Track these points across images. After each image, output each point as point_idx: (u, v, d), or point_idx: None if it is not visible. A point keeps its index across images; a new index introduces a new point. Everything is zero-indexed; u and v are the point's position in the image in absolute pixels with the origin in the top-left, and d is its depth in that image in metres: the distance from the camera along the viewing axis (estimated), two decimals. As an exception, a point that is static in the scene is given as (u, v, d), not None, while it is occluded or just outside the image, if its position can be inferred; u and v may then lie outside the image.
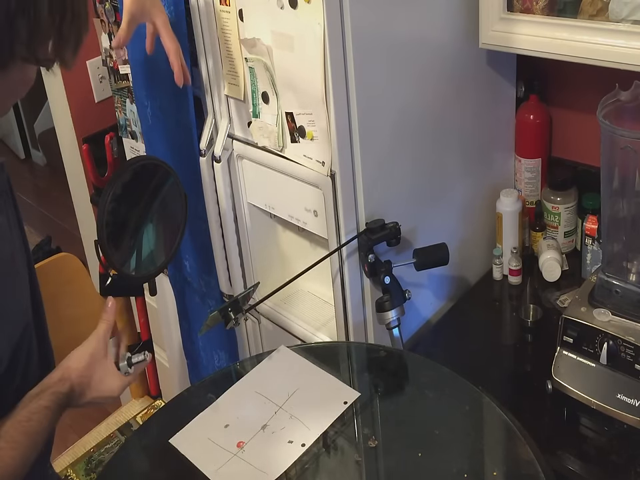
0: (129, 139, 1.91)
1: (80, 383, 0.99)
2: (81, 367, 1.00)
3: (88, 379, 1.00)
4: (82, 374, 1.00)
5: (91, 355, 1.02)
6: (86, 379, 1.00)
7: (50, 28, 0.76)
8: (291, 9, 1.16)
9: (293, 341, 1.49)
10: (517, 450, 1.03)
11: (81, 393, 1.00)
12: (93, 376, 1.01)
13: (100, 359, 1.02)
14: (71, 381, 0.99)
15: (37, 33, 0.75)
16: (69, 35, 0.78)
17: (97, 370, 1.01)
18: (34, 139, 4.70)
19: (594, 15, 1.18)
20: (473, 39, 1.35)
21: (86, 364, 1.01)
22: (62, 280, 1.50)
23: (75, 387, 0.99)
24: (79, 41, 0.80)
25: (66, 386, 0.98)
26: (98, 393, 1.02)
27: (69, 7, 0.77)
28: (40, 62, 0.79)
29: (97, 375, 1.01)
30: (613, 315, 1.18)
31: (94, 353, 1.02)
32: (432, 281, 1.49)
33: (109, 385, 1.03)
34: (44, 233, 3.39)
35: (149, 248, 1.27)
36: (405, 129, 1.31)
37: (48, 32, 0.76)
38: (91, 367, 1.01)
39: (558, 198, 1.54)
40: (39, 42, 0.76)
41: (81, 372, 1.00)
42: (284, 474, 1.02)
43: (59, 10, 0.76)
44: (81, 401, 1.01)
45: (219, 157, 1.44)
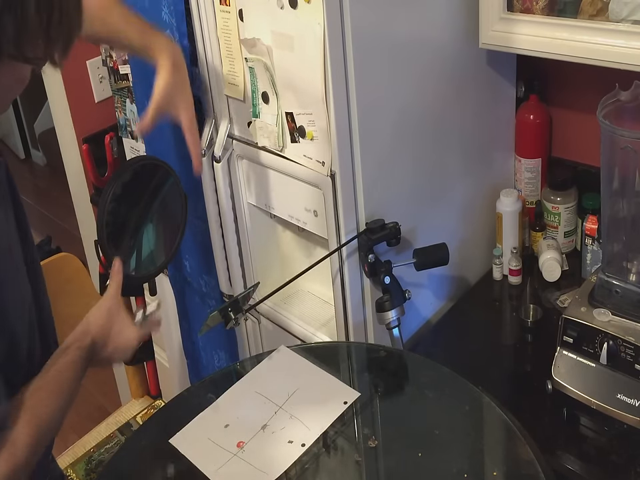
0: (129, 138, 1.92)
1: (101, 336, 1.06)
2: (100, 322, 1.07)
3: (107, 331, 1.06)
4: (101, 327, 1.06)
5: (108, 310, 1.08)
6: (106, 331, 1.06)
7: (37, 27, 0.76)
8: (291, 9, 1.16)
9: (293, 340, 1.49)
10: (517, 450, 1.03)
11: (102, 345, 1.06)
12: (112, 328, 1.07)
13: (116, 314, 1.09)
14: (92, 335, 1.04)
15: (24, 32, 0.75)
16: (58, 34, 0.78)
17: (114, 323, 1.08)
18: (34, 139, 4.70)
19: (594, 15, 1.18)
20: (473, 39, 1.35)
21: (104, 318, 1.07)
22: (62, 280, 1.50)
23: (96, 339, 1.05)
24: (69, 41, 0.80)
25: (88, 339, 1.04)
26: (118, 344, 1.08)
27: (57, 6, 0.77)
28: (28, 60, 0.79)
29: (115, 327, 1.07)
30: (612, 315, 1.18)
31: (110, 308, 1.08)
32: (432, 281, 1.49)
33: (126, 335, 1.09)
34: (44, 233, 3.38)
35: (148, 248, 1.27)
36: (405, 128, 1.31)
37: (35, 31, 0.76)
38: (109, 321, 1.07)
39: (558, 198, 1.54)
40: (26, 40, 0.76)
41: (100, 326, 1.06)
42: (284, 474, 1.02)
43: (46, 9, 0.76)
44: (103, 353, 1.06)
45: (219, 157, 1.44)
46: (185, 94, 1.22)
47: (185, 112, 1.21)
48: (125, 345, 1.09)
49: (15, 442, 0.89)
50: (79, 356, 1.01)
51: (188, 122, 1.22)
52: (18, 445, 0.89)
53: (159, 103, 1.18)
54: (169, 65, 1.19)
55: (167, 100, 1.19)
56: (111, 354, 1.08)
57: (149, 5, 1.43)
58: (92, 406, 2.79)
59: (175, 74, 1.20)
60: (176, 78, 1.20)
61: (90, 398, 2.85)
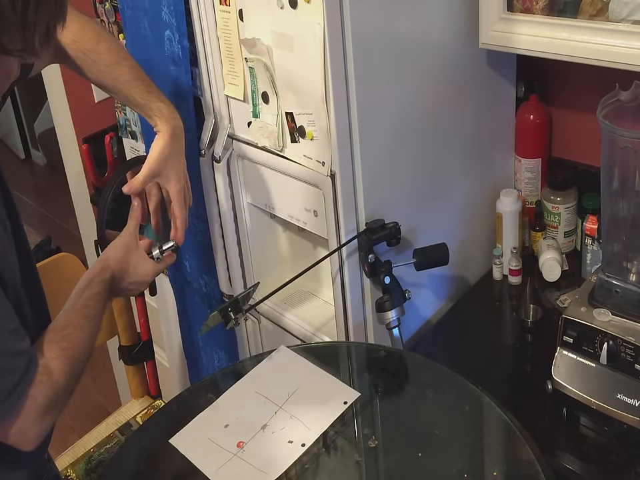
0: (129, 138, 1.92)
1: (119, 269, 1.12)
2: (118, 256, 1.13)
3: (125, 264, 1.13)
4: (119, 261, 1.12)
5: (125, 245, 1.14)
6: (124, 265, 1.13)
7: (12, 15, 0.74)
8: (291, 9, 1.16)
9: (293, 340, 1.49)
10: (517, 450, 1.03)
11: (121, 278, 1.13)
12: (130, 262, 1.14)
13: (133, 249, 1.15)
14: (112, 268, 1.11)
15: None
16: (35, 21, 0.76)
17: (131, 257, 1.14)
18: (34, 139, 4.70)
19: (594, 15, 1.18)
20: (473, 39, 1.35)
21: (122, 253, 1.13)
22: (62, 280, 1.50)
23: (115, 272, 1.11)
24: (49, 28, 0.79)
25: (108, 273, 1.10)
26: (134, 278, 1.15)
27: None
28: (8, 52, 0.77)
29: (133, 261, 1.14)
30: (612, 315, 1.17)
31: (128, 243, 1.14)
32: (432, 281, 1.49)
33: (143, 269, 1.15)
34: (44, 233, 3.39)
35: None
36: (404, 128, 1.31)
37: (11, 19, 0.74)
38: (126, 255, 1.13)
39: (558, 198, 1.54)
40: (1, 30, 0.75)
41: (118, 259, 1.12)
42: (284, 474, 1.02)
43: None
44: (122, 285, 1.13)
45: (219, 157, 1.44)
46: (179, 164, 1.22)
47: (174, 183, 1.21)
48: (141, 278, 1.15)
49: (51, 369, 0.95)
50: (102, 287, 1.08)
51: (176, 194, 1.21)
52: (54, 372, 0.95)
53: (152, 168, 1.18)
54: (168, 133, 1.19)
55: (160, 167, 1.19)
56: (128, 286, 1.15)
57: (148, 4, 1.43)
58: (92, 406, 2.80)
59: (172, 143, 1.20)
60: (173, 147, 1.20)
61: (90, 398, 2.85)
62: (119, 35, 1.82)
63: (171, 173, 1.21)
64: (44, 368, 0.94)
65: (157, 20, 1.41)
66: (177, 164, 1.21)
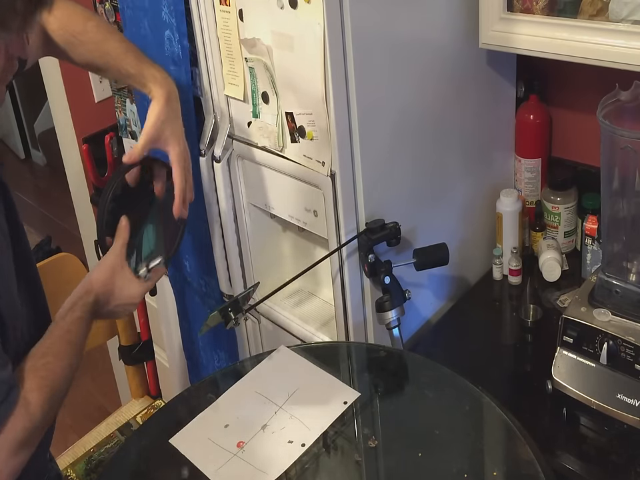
0: (129, 138, 1.91)
1: (104, 292, 1.09)
2: (103, 278, 1.10)
3: (111, 287, 1.10)
4: (104, 283, 1.10)
5: (111, 267, 1.11)
6: (109, 287, 1.10)
7: None
8: (291, 9, 1.16)
9: (293, 340, 1.49)
10: (517, 450, 1.03)
11: (106, 301, 1.10)
12: (115, 284, 1.11)
13: (119, 270, 1.12)
14: (95, 291, 1.08)
15: None
16: None
17: (117, 279, 1.11)
18: (34, 138, 4.70)
19: (594, 15, 1.18)
20: (473, 39, 1.35)
21: (107, 275, 1.11)
22: (62, 280, 1.50)
23: (99, 296, 1.08)
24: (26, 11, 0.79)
25: (91, 296, 1.07)
26: (121, 300, 1.12)
27: None
28: None
29: (119, 283, 1.11)
30: (612, 315, 1.17)
31: (113, 265, 1.12)
32: (432, 281, 1.49)
33: (130, 291, 1.12)
34: (44, 233, 3.39)
35: (149, 248, 1.27)
36: (404, 128, 1.31)
37: None
38: (112, 277, 1.11)
39: (558, 198, 1.54)
40: None
41: (103, 282, 1.10)
42: (284, 474, 1.02)
43: None
44: (107, 308, 1.10)
45: (219, 157, 1.44)
46: (177, 127, 1.21)
47: (174, 146, 1.20)
48: (129, 300, 1.13)
49: (29, 401, 0.92)
50: (84, 311, 1.05)
51: (176, 156, 1.20)
52: (32, 404, 0.92)
53: (149, 134, 1.18)
54: (163, 97, 1.18)
55: (158, 132, 1.18)
56: (115, 308, 1.12)
57: (148, 4, 1.42)
58: (92, 406, 2.80)
59: (168, 106, 1.19)
60: (169, 111, 1.19)
61: (90, 398, 2.85)
62: (118, 34, 1.81)
63: (170, 137, 1.19)
64: (23, 400, 0.91)
65: (156, 20, 1.41)
66: (175, 127, 1.20)
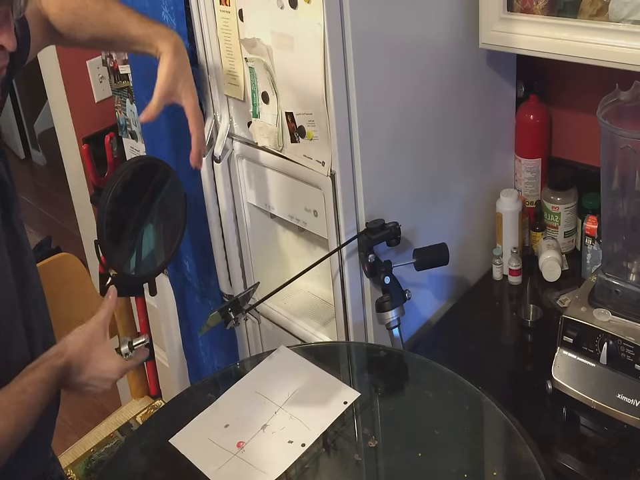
0: (129, 138, 1.92)
1: (77, 359, 0.99)
2: (79, 344, 1.00)
3: (86, 355, 1.00)
4: (80, 350, 1.00)
5: (90, 334, 1.02)
6: (84, 355, 1.00)
7: None
8: (290, 9, 1.16)
9: (293, 340, 1.49)
10: (517, 450, 1.03)
11: (79, 370, 1.00)
12: (92, 354, 1.01)
13: (99, 340, 1.02)
14: (68, 356, 0.99)
15: None
16: None
17: (95, 349, 1.01)
18: (34, 138, 4.70)
19: (594, 15, 1.18)
20: (473, 39, 1.35)
21: (84, 342, 1.01)
22: (62, 280, 1.51)
23: (71, 361, 0.99)
24: None
25: (62, 360, 0.98)
26: (96, 372, 1.01)
27: None
28: None
29: (96, 354, 1.01)
30: (612, 315, 1.17)
31: (93, 333, 1.02)
32: (432, 281, 1.49)
33: (108, 365, 1.02)
34: (44, 233, 3.39)
35: (149, 248, 1.27)
36: (404, 128, 1.31)
37: None
38: (89, 345, 1.01)
39: (558, 198, 1.54)
40: None
41: (78, 348, 1.00)
42: (284, 474, 1.02)
43: None
44: (78, 378, 1.00)
45: (219, 157, 1.44)
46: (188, 78, 1.21)
47: (188, 97, 1.20)
48: (104, 375, 1.02)
49: None
50: (49, 375, 0.96)
51: (191, 107, 1.20)
52: None
53: (163, 88, 1.17)
54: (171, 51, 1.18)
55: (172, 85, 1.18)
56: (87, 381, 1.02)
57: (148, 4, 1.43)
58: (92, 406, 2.79)
59: (177, 58, 1.19)
60: (179, 62, 1.19)
61: (90, 398, 2.85)
62: (118, 34, 1.81)
63: (183, 89, 1.19)
64: None
65: (157, 20, 1.41)
66: (187, 78, 1.20)
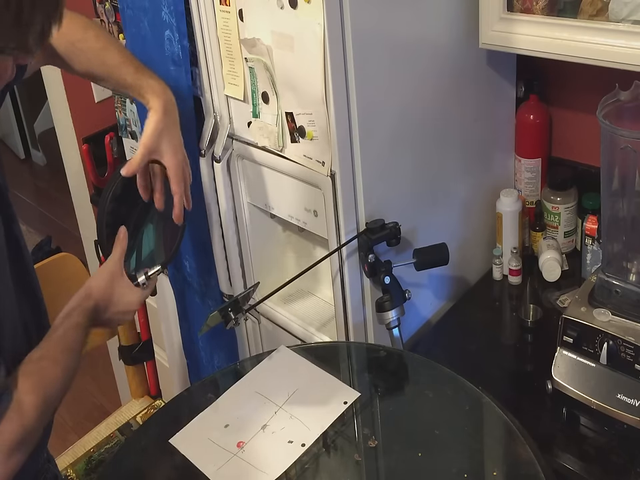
0: (129, 139, 1.91)
1: (103, 299, 1.09)
2: (103, 285, 1.10)
3: (109, 294, 1.10)
4: (104, 290, 1.10)
5: (110, 274, 1.11)
6: (108, 294, 1.10)
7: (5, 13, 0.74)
8: (290, 9, 1.16)
9: (293, 340, 1.49)
10: (517, 450, 1.03)
11: (105, 308, 1.09)
12: (114, 291, 1.11)
13: (118, 277, 1.12)
14: (95, 297, 1.08)
15: None
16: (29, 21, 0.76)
17: (116, 286, 1.11)
18: (34, 138, 4.70)
19: (594, 15, 1.18)
20: (473, 39, 1.35)
21: (106, 282, 1.11)
22: (62, 280, 1.51)
23: (99, 302, 1.08)
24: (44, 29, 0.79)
25: (91, 302, 1.07)
26: (120, 307, 1.12)
27: None
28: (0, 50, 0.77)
29: (118, 290, 1.11)
30: (612, 315, 1.18)
31: (113, 272, 1.12)
32: (432, 281, 1.49)
33: (129, 297, 1.13)
34: (44, 233, 3.39)
35: (148, 248, 1.27)
36: (405, 128, 1.31)
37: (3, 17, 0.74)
38: (111, 284, 1.11)
39: (558, 198, 1.54)
40: None
41: (102, 289, 1.10)
42: (284, 474, 1.02)
43: None
44: (106, 315, 1.10)
45: (219, 157, 1.44)
46: (173, 137, 1.20)
47: (171, 157, 1.19)
48: (127, 307, 1.13)
49: (22, 405, 0.91)
50: (83, 317, 1.04)
51: (174, 168, 1.19)
52: (25, 408, 0.91)
53: (146, 145, 1.17)
54: (160, 109, 1.18)
55: (156, 143, 1.17)
56: (113, 316, 1.11)
57: (148, 4, 1.42)
58: (92, 406, 2.80)
59: (165, 117, 1.18)
60: (166, 121, 1.18)
61: (90, 398, 2.85)
62: (118, 35, 1.82)
63: (167, 148, 1.19)
64: (16, 403, 0.90)
65: (156, 20, 1.41)
66: (172, 137, 1.20)
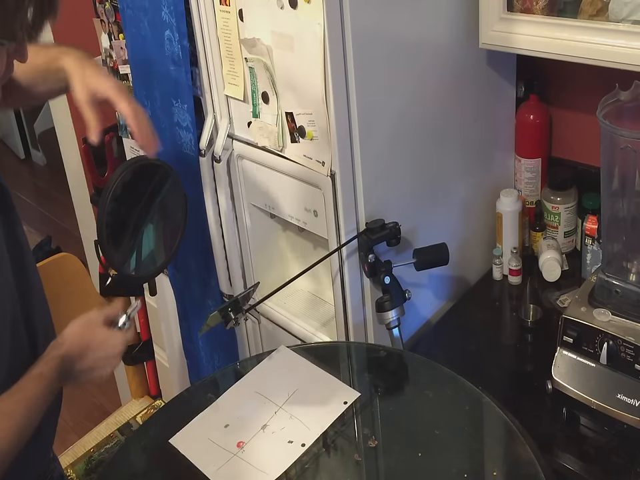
0: (129, 139, 1.91)
1: (78, 344, 1.00)
2: (77, 331, 1.01)
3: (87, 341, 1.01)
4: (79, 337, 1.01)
5: (88, 321, 1.03)
6: (84, 341, 1.00)
7: None
8: (290, 9, 1.16)
9: (293, 340, 1.49)
10: (517, 450, 1.03)
11: (80, 355, 1.00)
12: (91, 337, 1.01)
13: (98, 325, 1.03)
14: (67, 345, 0.99)
15: None
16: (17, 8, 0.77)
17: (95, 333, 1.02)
18: (34, 138, 4.70)
19: (594, 15, 1.18)
20: (473, 39, 1.35)
21: (82, 328, 1.02)
22: (62, 280, 1.51)
23: (72, 348, 0.99)
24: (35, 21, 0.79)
25: (61, 350, 0.98)
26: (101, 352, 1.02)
27: None
28: None
29: (98, 338, 1.02)
30: (612, 315, 1.17)
31: (90, 319, 1.03)
32: (432, 281, 1.49)
33: (111, 341, 1.03)
34: (44, 233, 3.39)
35: (148, 248, 1.27)
36: (404, 128, 1.31)
37: None
38: (86, 329, 1.02)
39: (558, 198, 1.54)
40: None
41: (77, 335, 1.01)
42: (284, 474, 1.02)
43: None
44: (84, 363, 1.00)
45: (219, 157, 1.44)
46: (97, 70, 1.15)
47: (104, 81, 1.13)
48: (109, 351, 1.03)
49: None
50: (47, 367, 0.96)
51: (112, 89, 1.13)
52: None
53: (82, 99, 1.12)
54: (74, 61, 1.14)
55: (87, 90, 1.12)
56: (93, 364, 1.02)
57: (148, 4, 1.43)
58: (92, 406, 2.79)
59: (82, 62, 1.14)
60: (82, 65, 1.14)
61: (90, 398, 2.85)
62: (118, 35, 1.82)
63: (96, 80, 1.12)
64: None
65: (156, 20, 1.41)
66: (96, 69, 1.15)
